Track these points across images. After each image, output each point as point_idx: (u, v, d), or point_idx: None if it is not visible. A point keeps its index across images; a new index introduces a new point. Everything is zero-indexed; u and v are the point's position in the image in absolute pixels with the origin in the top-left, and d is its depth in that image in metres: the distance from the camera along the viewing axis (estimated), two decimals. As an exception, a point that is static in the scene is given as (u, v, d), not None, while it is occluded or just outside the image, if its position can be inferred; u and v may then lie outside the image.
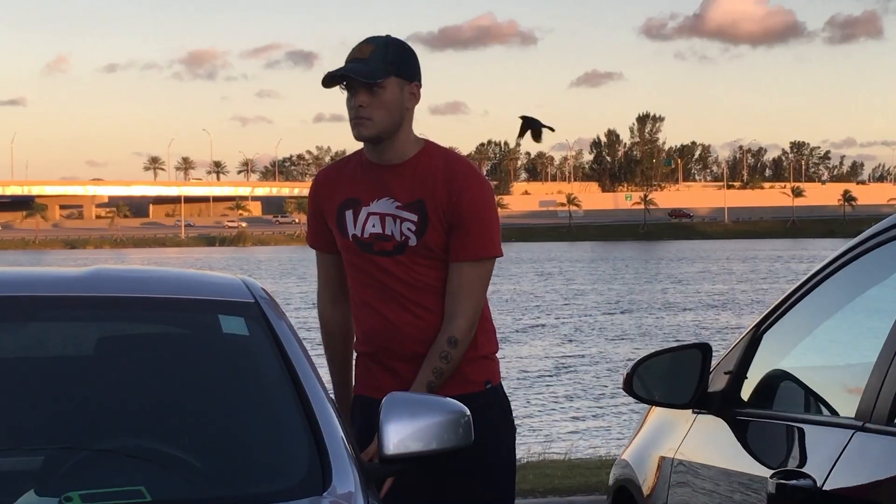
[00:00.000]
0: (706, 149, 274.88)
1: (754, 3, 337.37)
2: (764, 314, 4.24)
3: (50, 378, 3.65)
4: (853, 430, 3.31)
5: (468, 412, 3.51)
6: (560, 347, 29.83)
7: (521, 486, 8.07)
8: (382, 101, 4.27)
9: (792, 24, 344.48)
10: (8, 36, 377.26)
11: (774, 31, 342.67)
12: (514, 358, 28.94)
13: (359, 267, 4.41)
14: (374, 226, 4.34)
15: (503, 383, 4.68)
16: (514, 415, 4.69)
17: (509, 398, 4.69)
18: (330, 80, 4.30)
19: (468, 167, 4.50)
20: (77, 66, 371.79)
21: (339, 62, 4.34)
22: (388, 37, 4.42)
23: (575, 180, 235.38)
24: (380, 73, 4.26)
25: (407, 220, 4.34)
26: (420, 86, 4.43)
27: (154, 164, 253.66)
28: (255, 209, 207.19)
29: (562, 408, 22.52)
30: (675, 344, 5.26)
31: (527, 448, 13.29)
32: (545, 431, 19.68)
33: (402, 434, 3.35)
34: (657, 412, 4.91)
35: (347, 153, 4.61)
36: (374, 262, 4.34)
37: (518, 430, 4.89)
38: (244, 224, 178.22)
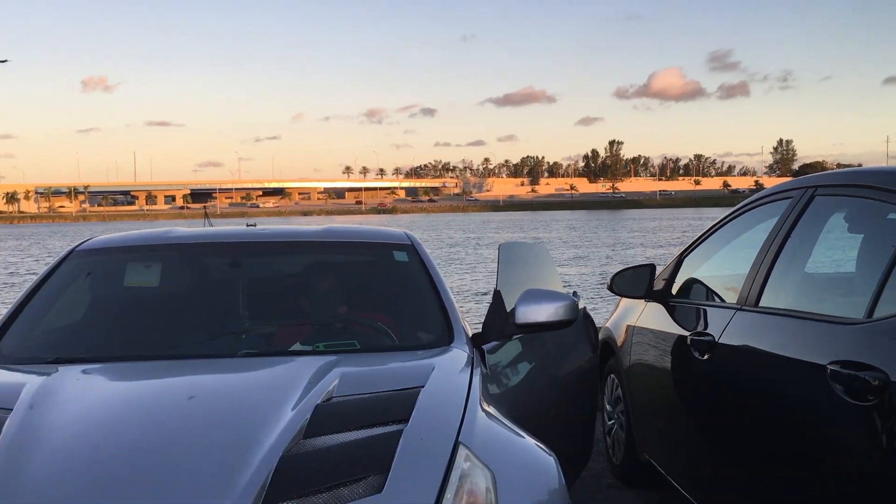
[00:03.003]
0: (647, 159, 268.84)
1: (677, 77, 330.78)
2: (685, 247, 4.22)
3: (305, 284, 3.64)
4: (734, 311, 3.30)
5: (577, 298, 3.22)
6: (580, 268, 29.21)
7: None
8: None
9: (698, 89, 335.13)
10: (274, 98, 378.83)
11: (688, 92, 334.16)
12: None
13: None
14: None
15: None
16: None
17: None
18: None
19: None
20: (307, 116, 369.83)
21: (449, 115, 4.10)
22: None
23: (574, 177, 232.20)
24: None
25: None
26: None
27: (348, 170, 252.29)
28: (401, 194, 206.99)
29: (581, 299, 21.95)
30: (636, 263, 5.22)
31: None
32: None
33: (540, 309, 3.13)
34: (625, 301, 4.90)
35: (451, 163, 4.25)
36: None
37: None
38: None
